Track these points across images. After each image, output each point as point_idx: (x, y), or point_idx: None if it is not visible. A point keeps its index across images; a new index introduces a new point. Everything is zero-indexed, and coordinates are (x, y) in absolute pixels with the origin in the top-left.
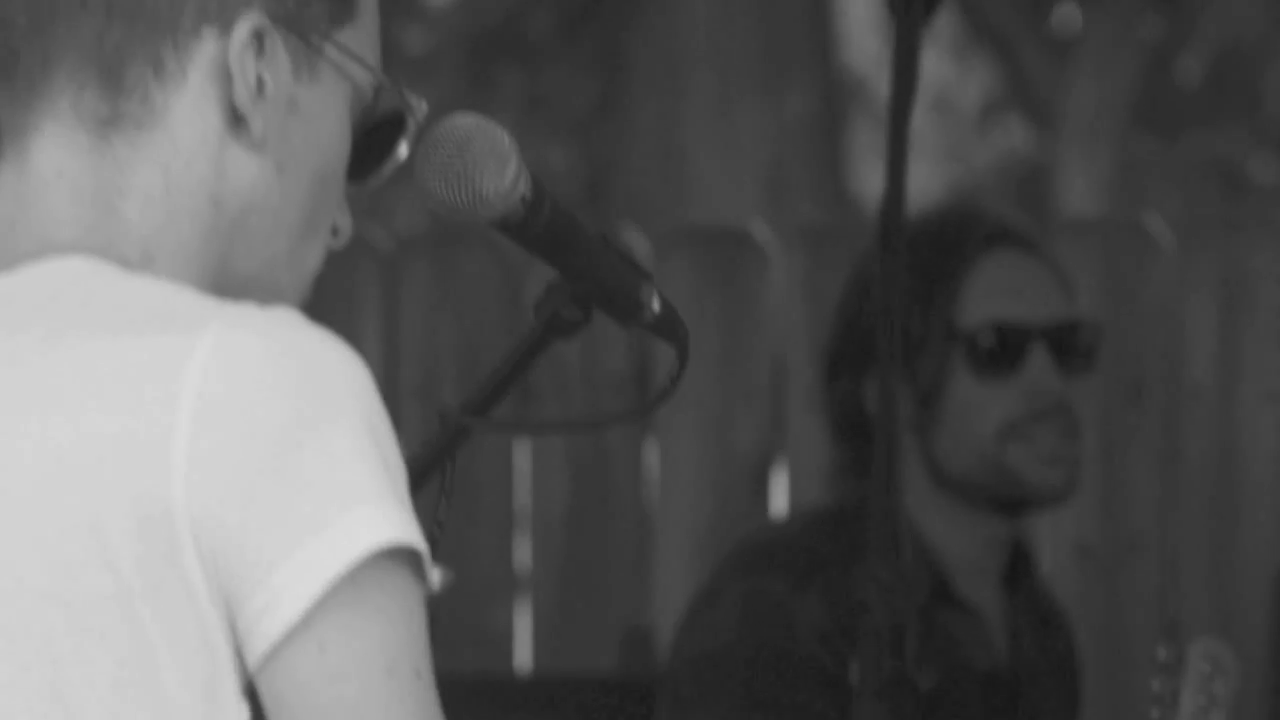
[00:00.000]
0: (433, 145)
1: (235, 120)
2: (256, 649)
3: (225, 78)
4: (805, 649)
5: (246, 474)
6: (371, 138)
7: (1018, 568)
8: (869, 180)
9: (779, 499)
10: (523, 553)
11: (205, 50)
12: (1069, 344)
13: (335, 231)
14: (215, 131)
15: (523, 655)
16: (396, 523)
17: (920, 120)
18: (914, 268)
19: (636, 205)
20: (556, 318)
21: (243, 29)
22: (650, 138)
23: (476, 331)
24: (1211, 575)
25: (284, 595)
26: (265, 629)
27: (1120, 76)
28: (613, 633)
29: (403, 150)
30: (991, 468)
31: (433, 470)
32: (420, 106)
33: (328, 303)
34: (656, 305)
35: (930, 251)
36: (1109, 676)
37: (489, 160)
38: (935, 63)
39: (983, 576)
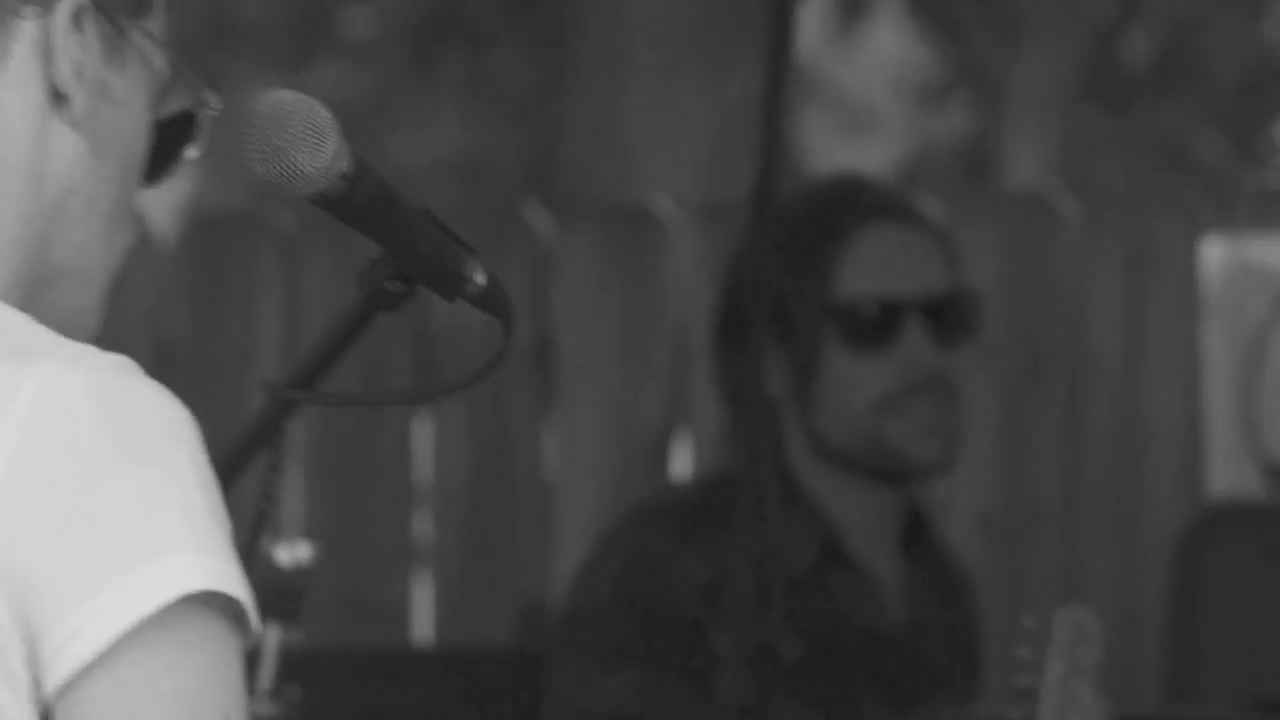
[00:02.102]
0: (251, 122)
1: (57, 98)
2: (56, 678)
3: (47, 56)
4: (684, 606)
5: (62, 507)
6: (164, 134)
7: (914, 532)
8: (820, 159)
9: (681, 472)
10: (421, 527)
11: (27, 29)
12: (946, 316)
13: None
14: (38, 108)
15: (421, 628)
16: (212, 571)
17: (873, 98)
18: (793, 241)
19: (579, 185)
20: (380, 291)
21: (64, 8)
22: (592, 118)
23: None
24: (1114, 545)
25: (88, 628)
26: (67, 659)
27: (1068, 54)
28: (512, 606)
29: (193, 151)
30: (868, 440)
31: (261, 444)
32: (214, 102)
33: (229, 284)
34: (481, 279)
35: (809, 224)
36: (1012, 644)
37: (307, 136)
38: (887, 42)
39: (877, 540)
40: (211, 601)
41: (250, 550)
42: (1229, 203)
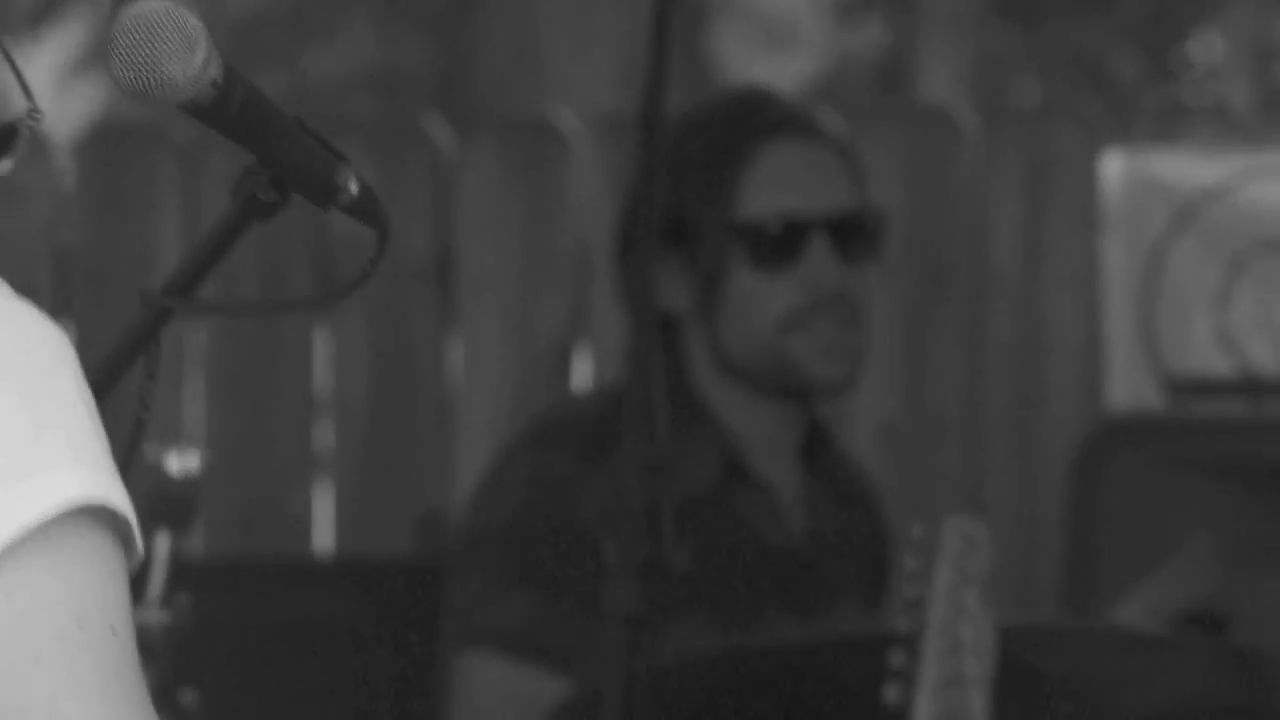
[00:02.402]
0: (119, 32)
1: None
2: None
3: None
4: (585, 526)
5: None
6: None
7: (816, 445)
8: (735, 72)
9: (582, 385)
10: (322, 436)
11: None
12: (851, 233)
13: None
14: None
15: (321, 538)
16: (96, 484)
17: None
18: (697, 156)
19: (491, 99)
20: (253, 200)
21: None
22: (506, 31)
23: (275, 223)
24: (1013, 457)
25: None
26: None
27: None
28: (412, 516)
29: (5, 165)
30: (772, 358)
31: (137, 352)
32: (38, 113)
33: (127, 195)
34: (354, 188)
35: (713, 140)
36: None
37: (176, 45)
38: None
39: (778, 454)
40: (96, 515)
41: (129, 459)
42: (1133, 117)
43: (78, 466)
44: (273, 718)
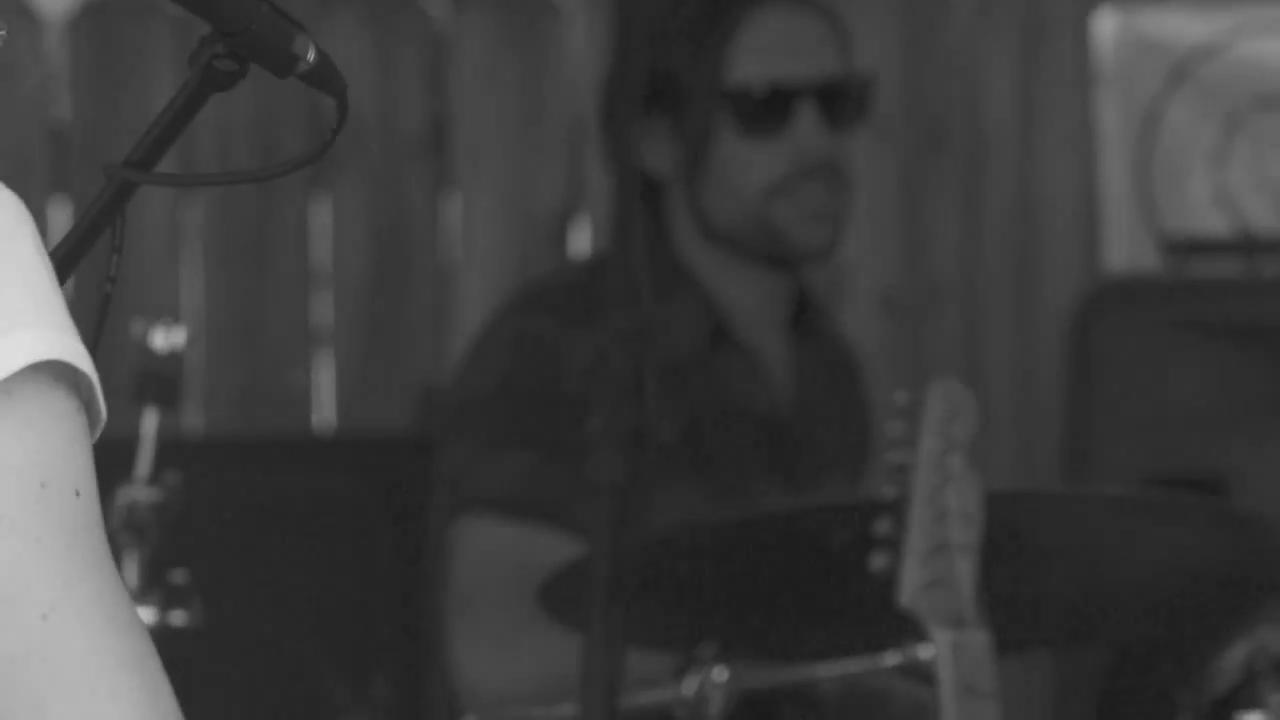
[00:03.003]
0: None
1: None
2: None
3: None
4: (571, 389)
5: None
6: None
7: (802, 314)
8: None
9: (578, 253)
10: (319, 311)
11: None
12: (838, 100)
13: None
14: None
15: (322, 412)
16: (59, 344)
17: None
18: (684, 22)
19: None
20: (211, 70)
21: None
22: None
23: (271, 99)
24: (1012, 321)
25: None
26: None
27: None
28: (412, 391)
29: None
30: (757, 224)
31: (102, 227)
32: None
33: (119, 69)
34: (312, 56)
35: (701, 5)
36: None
37: None
38: None
39: (764, 321)
40: (59, 374)
41: (98, 333)
42: None
43: (38, 326)
44: (267, 596)
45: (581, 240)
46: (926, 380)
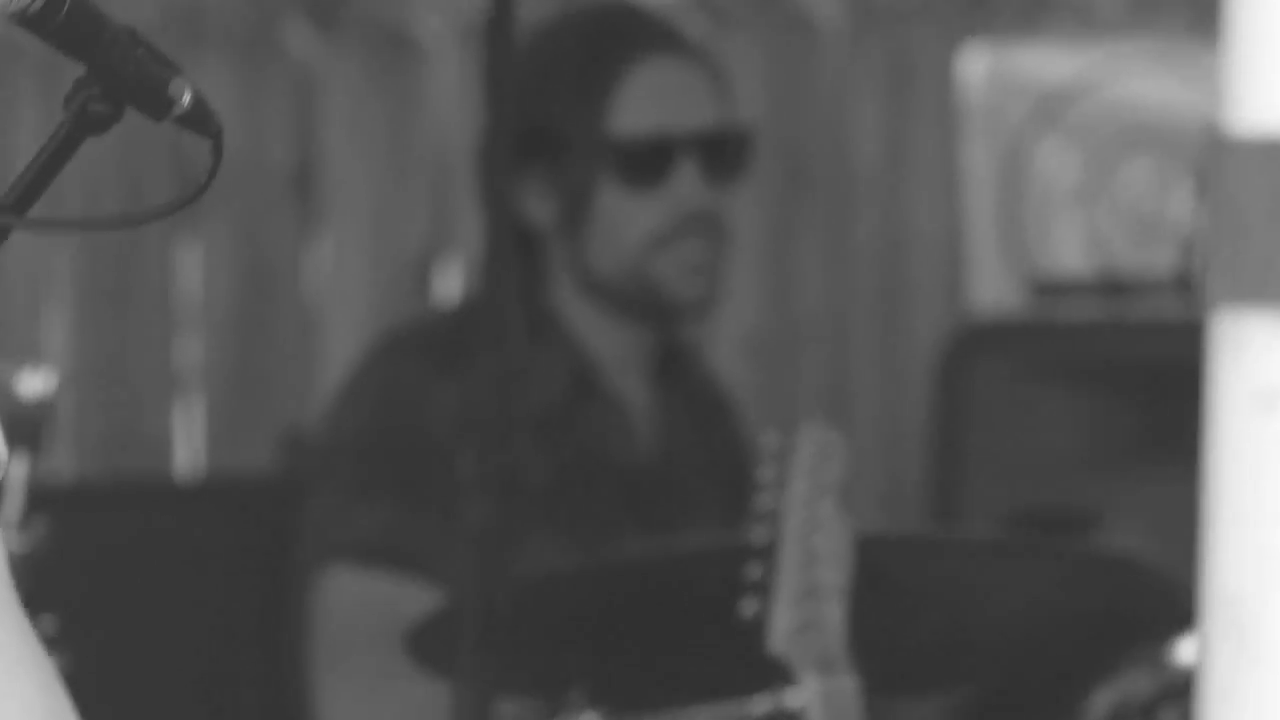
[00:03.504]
0: None
1: None
2: None
3: None
4: (440, 437)
5: None
6: None
7: (673, 362)
8: None
9: (444, 298)
10: (184, 353)
11: None
12: (719, 153)
13: None
14: None
15: (185, 457)
16: None
17: None
18: (566, 72)
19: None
20: (85, 113)
21: None
22: None
23: (137, 140)
24: (879, 362)
25: None
26: None
27: None
28: (276, 432)
29: None
30: (636, 276)
31: None
32: None
33: None
34: (187, 100)
35: (583, 55)
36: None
37: None
38: None
39: (631, 372)
40: None
41: None
42: (991, 10)
43: None
44: (134, 644)
45: (447, 283)
46: (794, 422)
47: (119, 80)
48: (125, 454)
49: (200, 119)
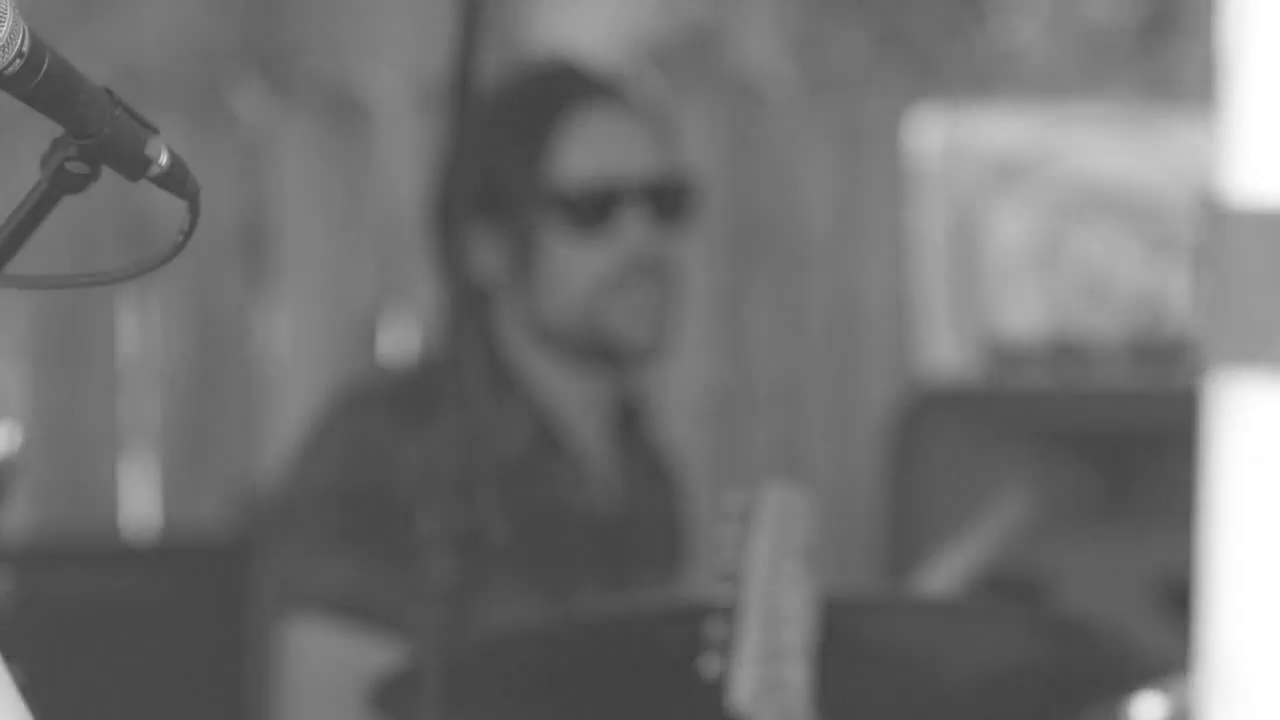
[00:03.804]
0: None
1: None
2: None
3: None
4: (403, 492)
5: None
6: None
7: (627, 419)
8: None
9: (391, 354)
10: (130, 409)
11: None
12: (663, 198)
13: None
14: None
15: (131, 511)
16: None
17: None
18: (509, 125)
19: (296, 64)
20: (62, 172)
21: None
22: None
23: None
24: (831, 424)
25: None
26: None
27: None
28: (224, 487)
29: None
30: (585, 323)
31: None
32: None
33: None
34: (165, 160)
35: (524, 110)
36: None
37: None
38: None
39: (590, 424)
40: None
41: None
42: (943, 75)
43: None
44: (92, 698)
45: (395, 340)
46: (746, 480)
47: (96, 140)
48: (72, 509)
49: (177, 179)
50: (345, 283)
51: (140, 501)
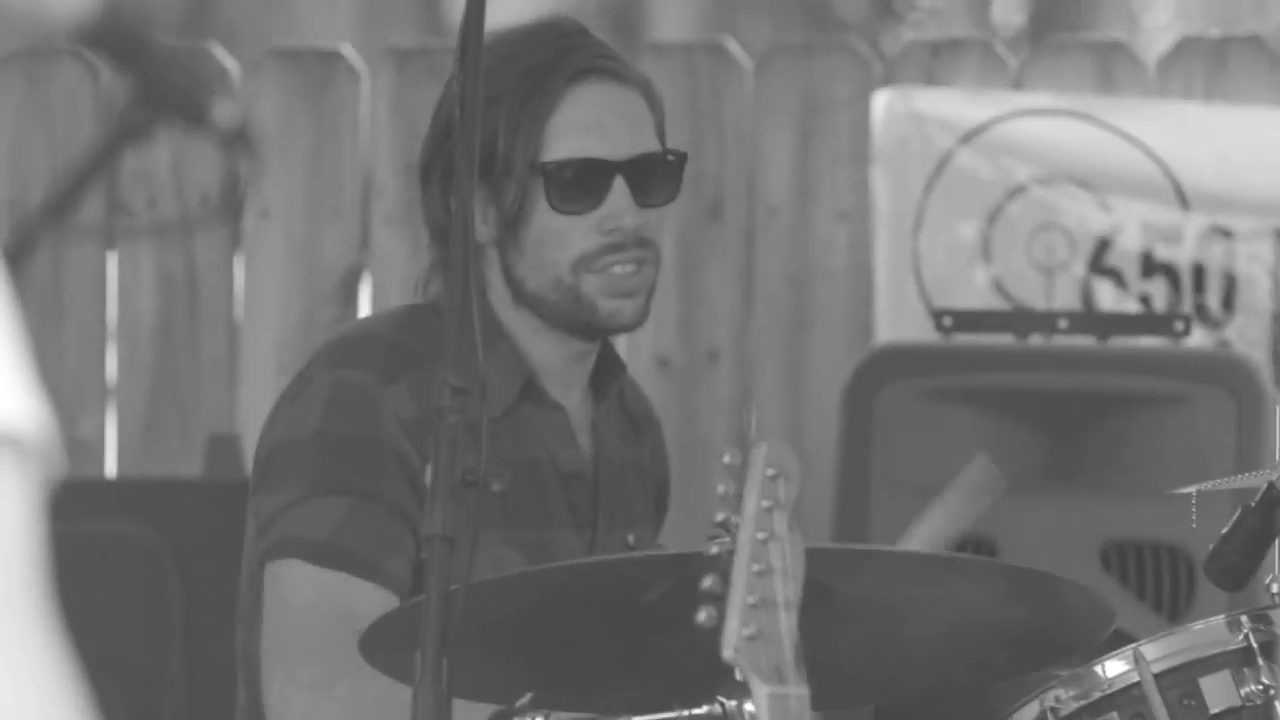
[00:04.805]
0: None
1: None
2: None
3: None
4: (389, 438)
5: None
6: None
7: (605, 373)
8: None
9: (364, 312)
10: (113, 362)
11: None
12: (650, 176)
13: None
14: None
15: (113, 463)
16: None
17: None
18: (506, 93)
19: (233, 29)
20: (127, 121)
21: None
22: None
23: (68, 147)
24: (786, 386)
25: None
26: None
27: None
28: (200, 441)
29: None
30: (566, 295)
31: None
32: None
33: None
34: (228, 113)
35: (521, 79)
36: (686, 483)
37: None
38: None
39: (570, 380)
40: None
41: None
42: (903, 53)
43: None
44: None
45: (365, 298)
46: (702, 446)
47: (160, 91)
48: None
49: (236, 133)
50: (319, 240)
51: (122, 452)
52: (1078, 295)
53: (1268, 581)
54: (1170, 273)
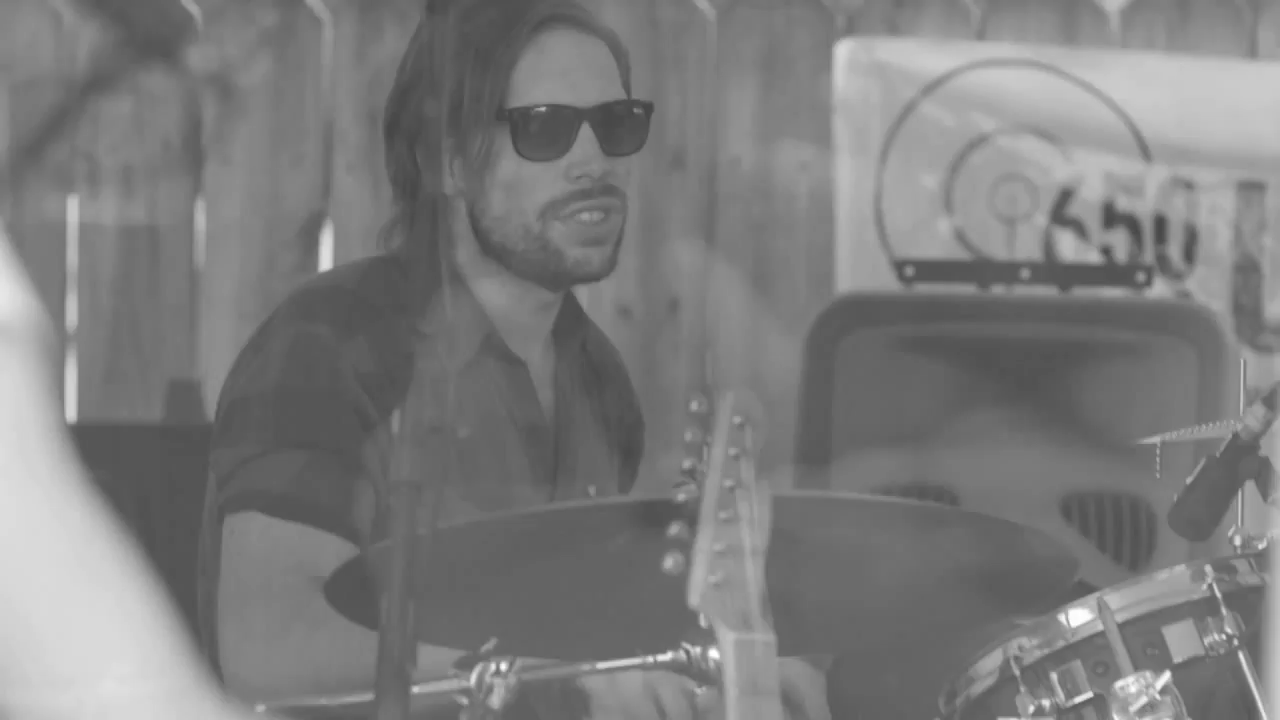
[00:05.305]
0: None
1: None
2: None
3: None
4: (348, 392)
5: None
6: None
7: (567, 326)
8: None
9: (326, 259)
10: (73, 310)
11: None
12: (618, 124)
13: None
14: None
15: (75, 409)
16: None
17: None
18: (471, 43)
19: None
20: (100, 65)
21: None
22: None
23: (29, 92)
24: (747, 336)
25: None
26: None
27: None
28: (160, 387)
29: None
30: (534, 243)
31: None
32: None
33: None
34: (204, 57)
35: (485, 29)
36: (649, 431)
37: None
38: None
39: (531, 333)
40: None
41: None
42: (859, 5)
43: None
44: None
45: (327, 246)
46: (661, 392)
47: (133, 34)
48: None
49: (212, 76)
50: (280, 187)
51: (78, 397)
52: (1039, 246)
53: (1230, 533)
54: (1132, 224)
